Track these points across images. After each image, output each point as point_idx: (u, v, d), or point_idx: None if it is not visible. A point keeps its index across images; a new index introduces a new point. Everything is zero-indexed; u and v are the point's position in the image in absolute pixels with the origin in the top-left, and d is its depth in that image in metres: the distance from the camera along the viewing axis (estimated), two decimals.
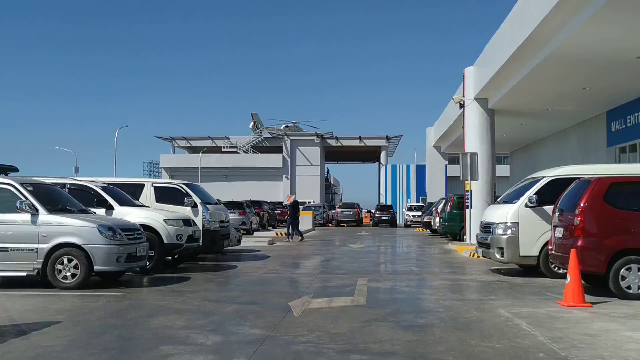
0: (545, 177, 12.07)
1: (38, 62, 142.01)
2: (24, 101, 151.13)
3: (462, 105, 22.98)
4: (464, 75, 22.99)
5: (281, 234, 28.42)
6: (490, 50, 20.04)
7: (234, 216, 23.85)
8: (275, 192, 59.80)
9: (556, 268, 11.21)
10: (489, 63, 20.06)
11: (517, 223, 11.76)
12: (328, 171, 77.71)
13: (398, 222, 46.56)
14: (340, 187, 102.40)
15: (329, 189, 77.68)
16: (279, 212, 40.06)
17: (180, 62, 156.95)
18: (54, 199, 10.58)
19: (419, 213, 40.90)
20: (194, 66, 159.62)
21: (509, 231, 11.82)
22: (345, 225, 43.30)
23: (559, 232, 9.94)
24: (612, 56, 15.16)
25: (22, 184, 9.97)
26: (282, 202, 30.41)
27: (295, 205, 25.65)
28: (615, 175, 10.22)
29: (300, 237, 24.06)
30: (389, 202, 55.45)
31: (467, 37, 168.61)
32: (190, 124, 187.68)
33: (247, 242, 20.74)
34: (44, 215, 9.68)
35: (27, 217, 9.64)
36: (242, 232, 20.55)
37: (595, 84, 18.35)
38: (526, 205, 11.72)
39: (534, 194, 11.71)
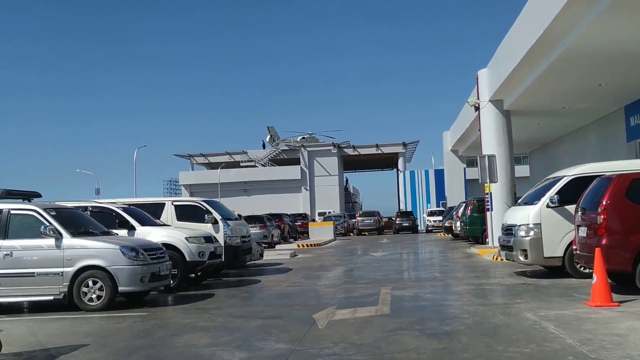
0: (565, 176, 11.94)
1: (52, 84, 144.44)
2: (43, 125, 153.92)
3: (477, 108, 22.87)
4: (477, 78, 22.89)
5: (303, 245, 28.47)
6: (503, 52, 19.95)
7: (255, 230, 23.94)
8: (295, 204, 59.87)
9: (582, 268, 11.05)
10: (502, 64, 19.96)
11: (540, 224, 11.63)
12: (347, 180, 77.67)
13: (419, 228, 46.32)
14: (360, 196, 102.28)
15: (348, 198, 77.62)
16: (299, 223, 40.13)
17: (196, 81, 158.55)
18: (77, 223, 10.73)
19: (440, 218, 40.66)
20: (210, 84, 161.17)
21: (531, 232, 11.69)
22: (366, 233, 43.19)
23: (583, 231, 9.83)
24: (627, 50, 15.00)
25: (45, 209, 10.12)
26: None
27: None
28: (637, 171, 10.07)
29: None
30: (409, 208, 55.20)
31: (479, 40, 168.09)
32: (208, 141, 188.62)
33: (269, 255, 20.77)
34: (67, 239, 9.81)
35: (51, 241, 9.78)
36: (263, 245, 20.60)
37: (611, 80, 18.16)
38: (548, 206, 11.59)
39: (555, 193, 11.58)
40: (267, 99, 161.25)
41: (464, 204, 26.50)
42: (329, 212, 53.40)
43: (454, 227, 28.21)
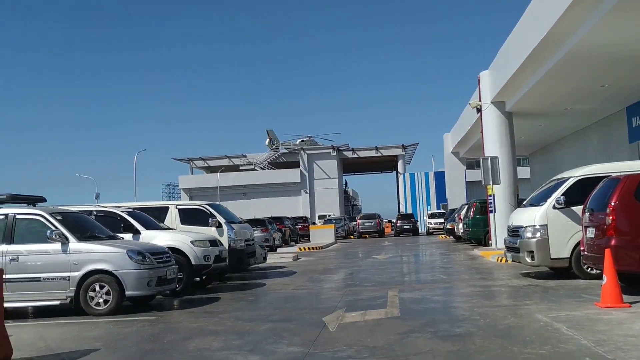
0: (571, 177, 11.92)
1: (52, 91, 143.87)
2: (42, 132, 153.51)
3: (479, 110, 22.87)
4: (479, 80, 22.91)
5: (304, 248, 28.43)
6: (505, 53, 19.96)
7: (256, 233, 23.83)
8: (295, 207, 59.84)
9: (589, 269, 11.03)
10: (504, 66, 19.97)
11: (546, 225, 11.61)
12: (346, 183, 77.72)
13: (420, 231, 46.34)
14: (360, 199, 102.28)
15: (348, 201, 77.66)
16: (300, 227, 40.07)
17: (195, 85, 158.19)
18: (83, 227, 10.68)
19: (441, 220, 40.67)
20: (209, 88, 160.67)
21: (538, 234, 11.67)
22: (367, 236, 43.17)
23: (591, 232, 9.80)
24: (630, 52, 15.02)
25: (51, 214, 10.08)
26: None
27: None
28: None
29: None
30: (409, 211, 55.24)
31: (479, 41, 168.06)
32: (207, 144, 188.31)
33: (271, 258, 20.72)
34: (74, 244, 9.77)
35: (57, 246, 9.73)
36: (266, 249, 20.54)
37: (613, 81, 18.18)
38: (554, 207, 11.57)
39: (562, 194, 11.56)
40: (266, 103, 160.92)
41: (467, 206, 26.48)
42: (329, 215, 53.38)
43: (456, 229, 28.20)
